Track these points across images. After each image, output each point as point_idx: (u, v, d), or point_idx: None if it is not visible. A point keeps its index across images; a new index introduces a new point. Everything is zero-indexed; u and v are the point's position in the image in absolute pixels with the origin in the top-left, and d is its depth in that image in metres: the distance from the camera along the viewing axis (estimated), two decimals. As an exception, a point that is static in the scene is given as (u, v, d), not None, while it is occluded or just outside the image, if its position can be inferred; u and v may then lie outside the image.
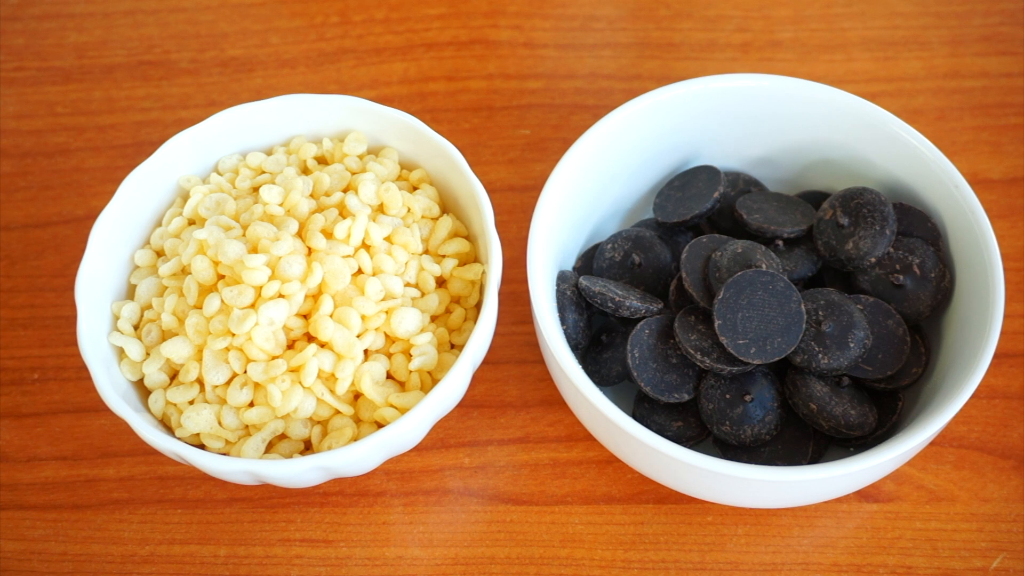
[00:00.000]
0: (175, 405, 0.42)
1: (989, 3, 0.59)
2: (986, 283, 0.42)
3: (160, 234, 0.46)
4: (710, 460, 0.39)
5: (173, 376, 0.43)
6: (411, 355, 0.43)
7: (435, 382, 0.43)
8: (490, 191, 0.52)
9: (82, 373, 0.49)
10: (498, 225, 0.51)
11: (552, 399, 0.48)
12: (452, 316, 0.44)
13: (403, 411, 0.41)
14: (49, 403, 0.49)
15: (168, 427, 0.43)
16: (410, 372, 0.43)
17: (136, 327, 0.44)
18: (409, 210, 0.45)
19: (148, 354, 0.43)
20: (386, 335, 0.43)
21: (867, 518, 0.45)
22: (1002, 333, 0.48)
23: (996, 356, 0.48)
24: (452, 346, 0.44)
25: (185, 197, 0.46)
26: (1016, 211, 0.52)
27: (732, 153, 0.49)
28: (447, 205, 0.47)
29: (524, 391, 0.48)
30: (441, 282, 0.45)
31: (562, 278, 0.45)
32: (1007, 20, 0.58)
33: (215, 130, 0.46)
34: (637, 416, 0.45)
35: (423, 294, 0.44)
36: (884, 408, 0.44)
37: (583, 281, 0.45)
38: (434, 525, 0.46)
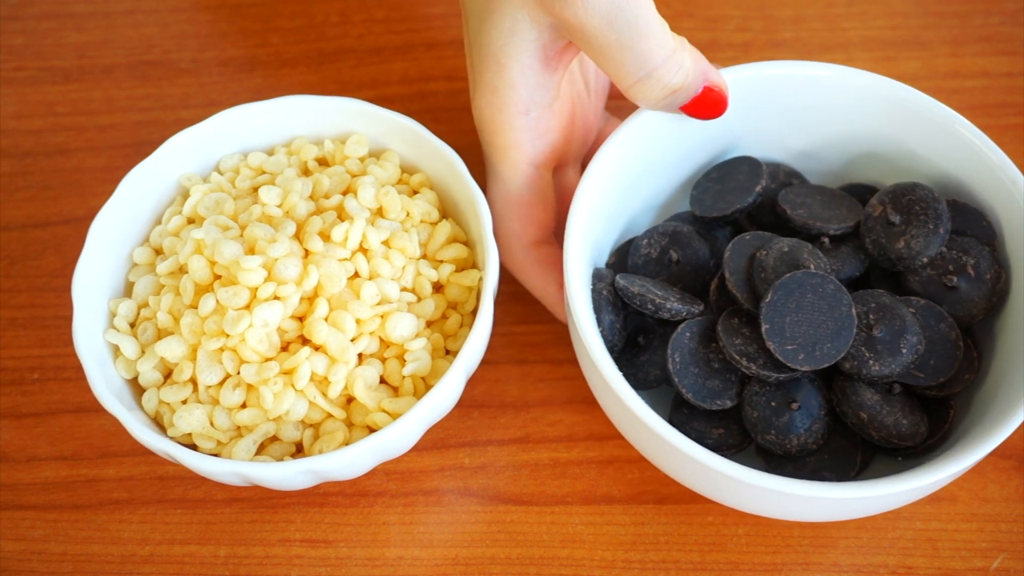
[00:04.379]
0: (168, 404, 0.42)
1: (989, 3, 0.59)
2: None
3: (159, 232, 0.46)
4: (766, 477, 0.37)
5: (167, 375, 0.43)
6: (405, 360, 0.43)
7: (429, 388, 0.43)
8: (490, 191, 0.52)
9: (82, 373, 0.49)
10: (498, 225, 0.51)
11: (552, 399, 0.48)
12: (448, 322, 0.44)
13: (395, 416, 0.41)
14: (49, 403, 0.49)
15: (161, 426, 0.43)
16: (403, 377, 0.43)
17: (132, 325, 0.44)
18: (408, 214, 0.45)
19: (143, 352, 0.43)
20: (380, 339, 0.43)
21: (867, 518, 0.45)
22: (1002, 333, 0.48)
23: (997, 356, 0.48)
24: (447, 352, 0.44)
25: (185, 196, 0.46)
26: None
27: (772, 144, 0.47)
28: (447, 210, 0.47)
29: (524, 391, 0.48)
30: (438, 287, 0.45)
31: (598, 277, 0.43)
32: (1007, 20, 0.58)
33: (217, 129, 0.46)
34: (675, 422, 0.43)
35: (419, 299, 0.44)
36: (934, 416, 0.42)
37: (621, 281, 0.43)
38: (434, 525, 0.46)
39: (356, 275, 0.43)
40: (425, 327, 0.44)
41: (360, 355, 0.42)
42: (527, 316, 0.49)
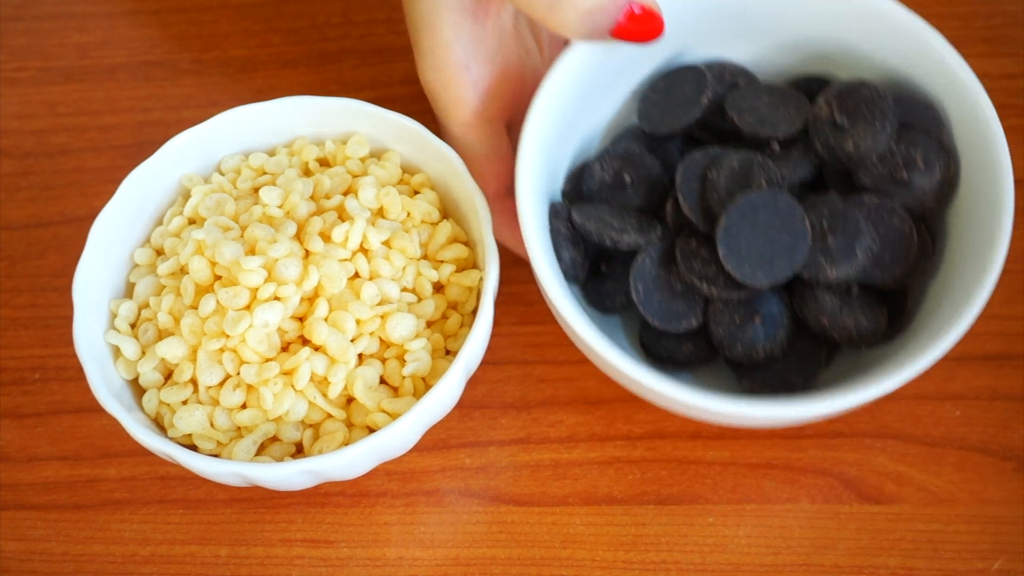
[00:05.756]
0: (168, 405, 0.42)
1: (991, 5, 0.59)
2: (994, 171, 0.41)
3: (160, 233, 0.46)
4: (725, 402, 0.39)
5: (168, 376, 0.43)
6: (405, 360, 0.43)
7: (429, 388, 0.43)
8: (492, 192, 0.52)
9: (83, 373, 0.49)
10: (499, 226, 0.51)
11: (553, 400, 0.48)
12: (448, 322, 0.44)
13: (395, 417, 0.41)
14: (50, 403, 0.49)
15: (161, 427, 0.43)
16: (403, 378, 0.43)
17: (133, 326, 0.44)
18: (409, 214, 0.45)
19: (144, 353, 0.43)
20: (381, 340, 0.43)
21: (868, 520, 0.45)
22: (1002, 334, 0.48)
23: (997, 357, 0.48)
24: (447, 352, 0.44)
25: (186, 196, 0.46)
26: (1018, 212, 0.52)
27: (720, 49, 0.47)
28: (447, 210, 0.47)
29: (525, 392, 0.48)
30: (439, 287, 0.45)
31: (554, 214, 0.44)
32: (1009, 22, 0.58)
33: (218, 130, 0.46)
34: (645, 341, 0.44)
35: (420, 299, 0.44)
36: (893, 307, 0.43)
37: (577, 217, 0.43)
38: (435, 526, 0.46)
39: (356, 275, 0.43)
40: (425, 327, 0.44)
41: (360, 355, 0.42)
42: (528, 317, 0.49)
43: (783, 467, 0.46)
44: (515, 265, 0.50)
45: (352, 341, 0.42)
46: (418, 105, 0.56)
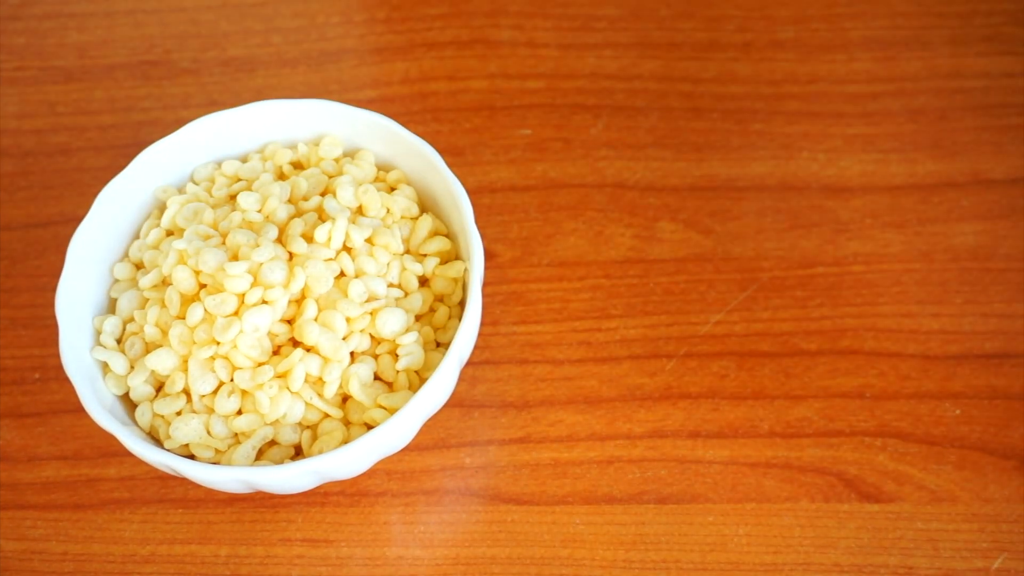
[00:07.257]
0: (162, 417, 0.42)
1: (991, 3, 0.59)
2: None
3: (138, 246, 0.46)
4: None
5: (159, 388, 0.43)
6: (397, 355, 0.43)
7: (423, 381, 0.43)
8: (491, 191, 0.53)
9: (83, 373, 0.49)
10: (498, 225, 0.52)
11: (553, 399, 0.48)
12: (436, 315, 0.44)
13: (392, 411, 0.41)
14: (50, 403, 0.49)
15: (156, 439, 0.43)
16: (397, 372, 0.43)
17: (119, 341, 0.44)
18: (388, 211, 0.45)
19: (132, 367, 0.43)
20: (371, 336, 0.43)
21: (868, 518, 0.45)
22: (1002, 333, 0.48)
23: (996, 356, 0.48)
24: (438, 344, 0.44)
25: (162, 208, 0.46)
26: (1018, 211, 0.52)
27: None
28: (426, 204, 0.47)
29: (525, 391, 0.48)
30: (424, 281, 0.45)
31: None
32: (1009, 20, 0.58)
33: (189, 140, 0.46)
34: None
35: (406, 294, 0.44)
36: None
37: None
38: (435, 525, 0.46)
39: (342, 274, 0.43)
40: (414, 321, 0.44)
41: (352, 353, 0.42)
42: (528, 316, 0.50)
43: (783, 466, 0.46)
44: (514, 265, 0.50)
45: (344, 339, 0.42)
46: (417, 105, 0.57)
